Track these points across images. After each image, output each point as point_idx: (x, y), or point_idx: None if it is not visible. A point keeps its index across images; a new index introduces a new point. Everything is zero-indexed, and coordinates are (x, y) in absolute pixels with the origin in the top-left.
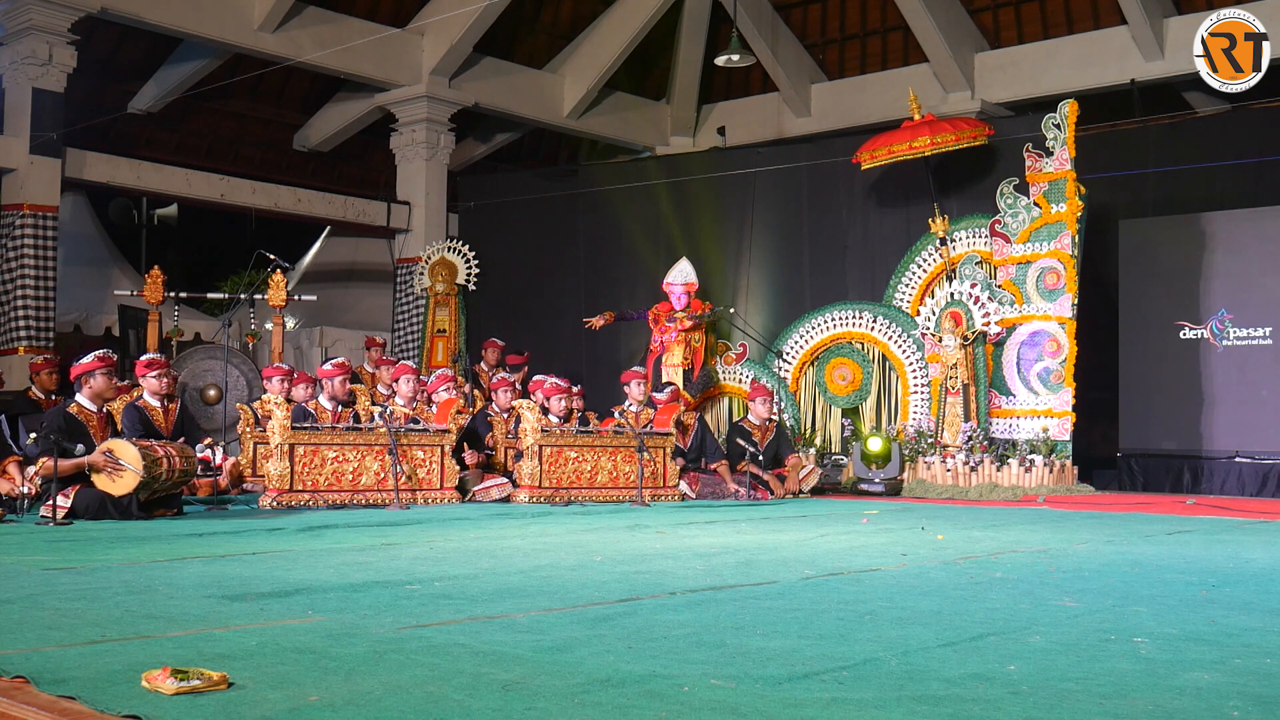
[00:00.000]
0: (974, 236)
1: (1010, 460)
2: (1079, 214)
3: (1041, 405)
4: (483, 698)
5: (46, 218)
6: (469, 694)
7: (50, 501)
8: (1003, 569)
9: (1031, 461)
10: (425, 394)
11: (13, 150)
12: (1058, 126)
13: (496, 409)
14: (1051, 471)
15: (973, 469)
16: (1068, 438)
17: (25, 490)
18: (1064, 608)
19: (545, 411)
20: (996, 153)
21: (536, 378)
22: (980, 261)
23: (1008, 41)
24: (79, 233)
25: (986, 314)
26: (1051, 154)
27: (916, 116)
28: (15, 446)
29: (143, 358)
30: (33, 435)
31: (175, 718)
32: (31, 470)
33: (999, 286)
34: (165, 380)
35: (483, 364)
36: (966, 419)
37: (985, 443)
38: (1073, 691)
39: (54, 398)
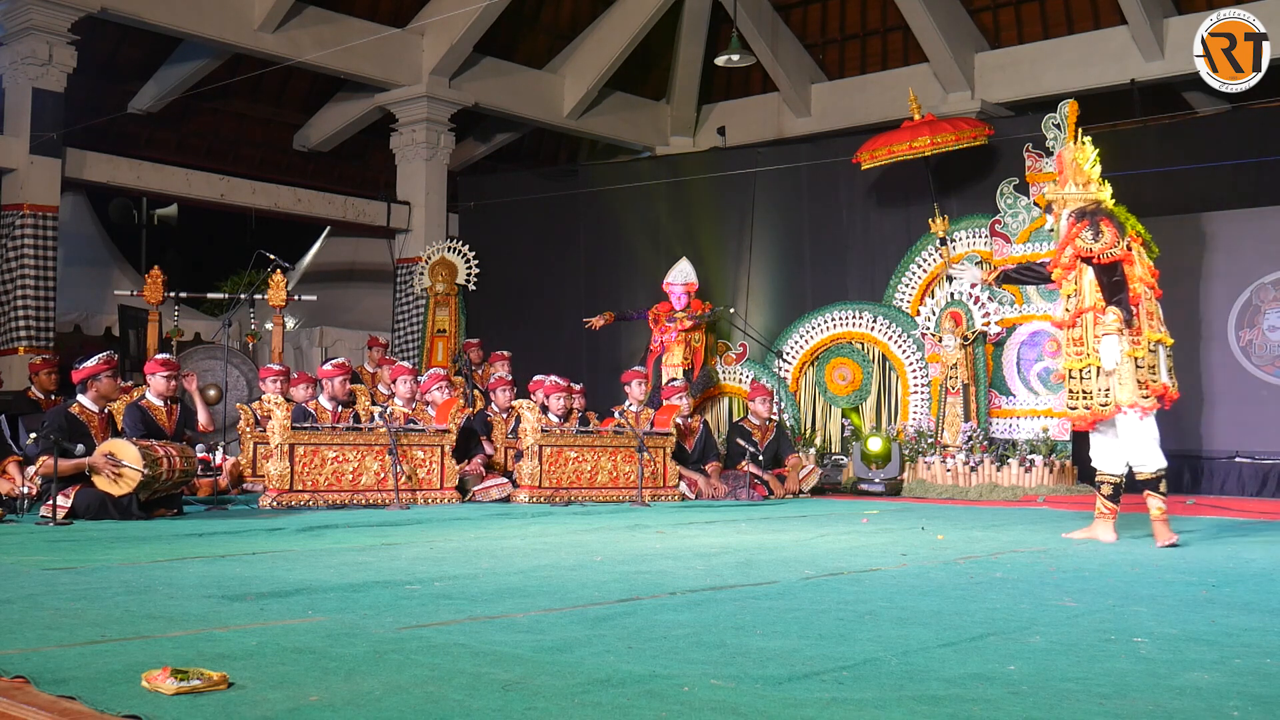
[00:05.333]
0: (974, 236)
1: (1010, 460)
2: None
3: (1041, 405)
4: (483, 698)
5: (46, 218)
6: (469, 694)
7: (50, 501)
8: (1003, 569)
9: (1031, 461)
10: (421, 394)
11: (13, 150)
12: (1058, 126)
13: (495, 409)
14: (1051, 471)
15: (973, 469)
16: (1068, 438)
17: (25, 490)
18: (1064, 608)
19: (545, 410)
20: (996, 153)
21: (537, 378)
22: (980, 262)
23: (1008, 41)
24: (79, 233)
25: (986, 314)
26: (1051, 154)
27: (916, 116)
28: (15, 446)
29: (158, 356)
30: (33, 435)
31: (175, 718)
32: (32, 470)
33: (999, 286)
34: (173, 382)
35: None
36: (966, 419)
37: (985, 443)
38: (1073, 691)
39: (53, 398)
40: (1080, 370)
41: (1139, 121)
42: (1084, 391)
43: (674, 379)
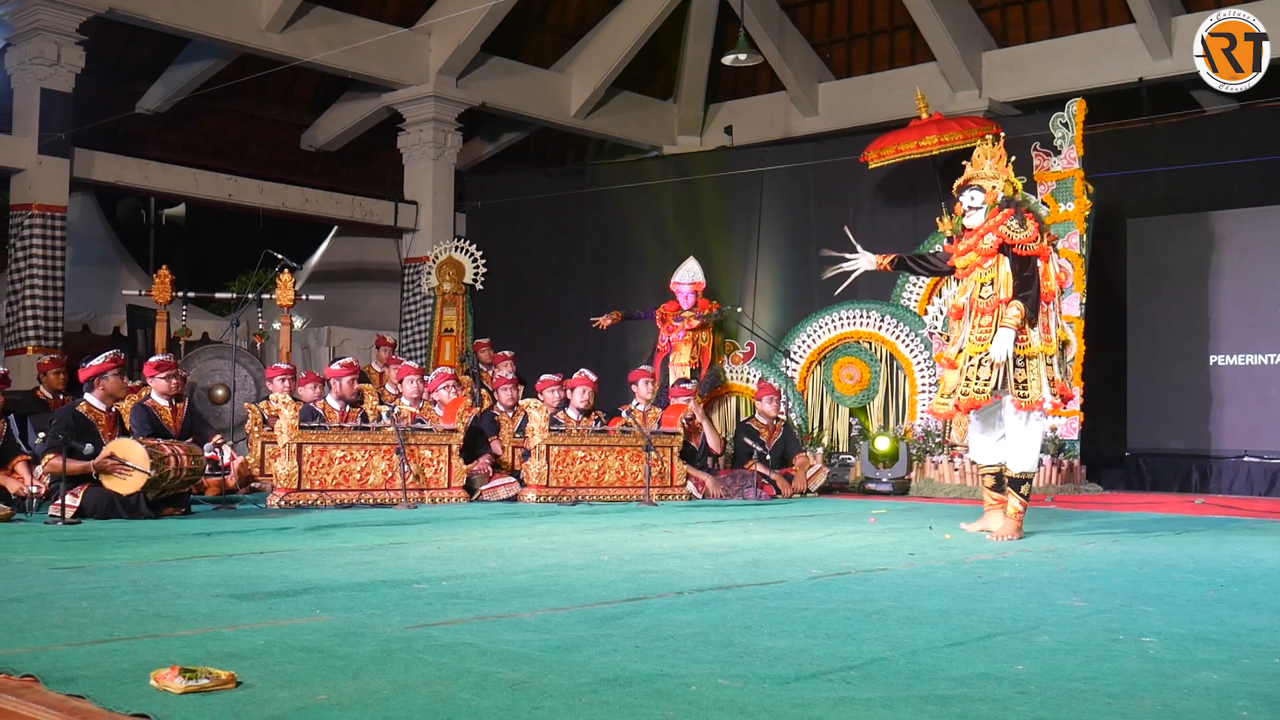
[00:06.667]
0: None
1: None
2: (1087, 213)
3: (1048, 405)
4: (490, 697)
5: (55, 218)
6: (476, 693)
7: (59, 500)
8: (1010, 568)
9: (1039, 461)
10: (427, 394)
11: (21, 150)
12: (1065, 125)
13: (501, 407)
14: (1060, 471)
15: None
16: (1076, 437)
17: (34, 489)
18: (1072, 607)
19: (566, 404)
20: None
21: (545, 377)
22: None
23: (1015, 40)
24: (87, 233)
25: None
26: (1059, 153)
27: (924, 115)
28: (24, 446)
29: (151, 359)
30: (41, 434)
31: (184, 717)
32: (40, 469)
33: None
34: (174, 381)
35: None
36: None
37: None
38: (1081, 691)
39: (62, 397)
40: (978, 355)
41: (1147, 120)
42: (973, 377)
43: (682, 378)
